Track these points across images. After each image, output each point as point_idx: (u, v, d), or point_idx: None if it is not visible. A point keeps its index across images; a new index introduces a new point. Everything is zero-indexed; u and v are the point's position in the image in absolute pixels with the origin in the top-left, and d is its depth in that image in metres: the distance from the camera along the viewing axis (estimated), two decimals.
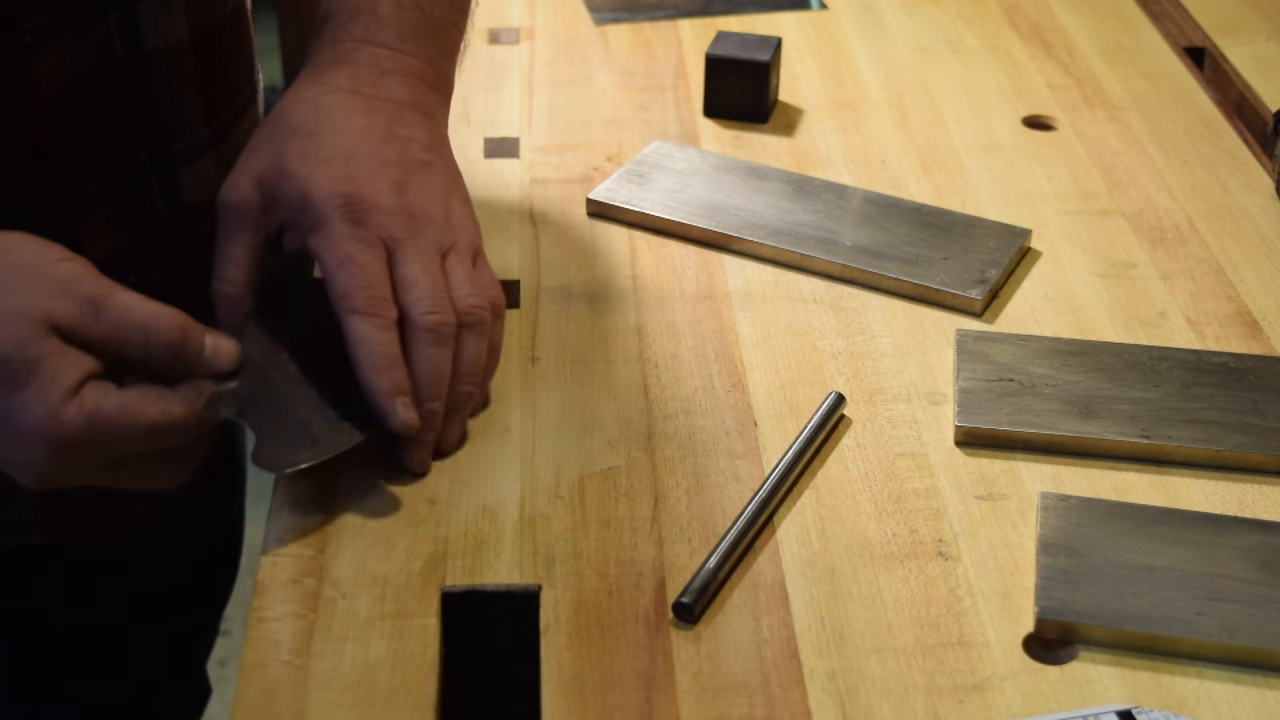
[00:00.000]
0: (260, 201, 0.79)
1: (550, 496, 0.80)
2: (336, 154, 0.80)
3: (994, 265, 0.95)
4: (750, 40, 1.13)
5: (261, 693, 0.69)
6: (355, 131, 0.81)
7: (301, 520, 0.78)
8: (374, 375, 0.76)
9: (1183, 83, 1.18)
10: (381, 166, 0.80)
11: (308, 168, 0.79)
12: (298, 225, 0.79)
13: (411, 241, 0.79)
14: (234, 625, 1.91)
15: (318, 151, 0.80)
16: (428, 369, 0.77)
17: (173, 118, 0.86)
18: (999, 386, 0.86)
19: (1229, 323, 0.93)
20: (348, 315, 0.76)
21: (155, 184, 0.86)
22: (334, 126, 0.81)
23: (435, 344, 0.78)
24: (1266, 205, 1.04)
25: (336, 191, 0.78)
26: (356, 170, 0.79)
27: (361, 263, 0.77)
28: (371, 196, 0.79)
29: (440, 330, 0.78)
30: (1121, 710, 0.69)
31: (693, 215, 1.00)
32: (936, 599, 0.74)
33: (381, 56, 0.84)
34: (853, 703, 0.69)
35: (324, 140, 0.80)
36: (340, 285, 0.77)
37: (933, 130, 1.12)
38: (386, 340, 0.76)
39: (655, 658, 0.71)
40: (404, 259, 0.78)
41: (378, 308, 0.76)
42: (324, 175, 0.79)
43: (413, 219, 0.80)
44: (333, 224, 0.78)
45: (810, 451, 0.82)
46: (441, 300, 0.78)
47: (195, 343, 0.73)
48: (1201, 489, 0.81)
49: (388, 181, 0.80)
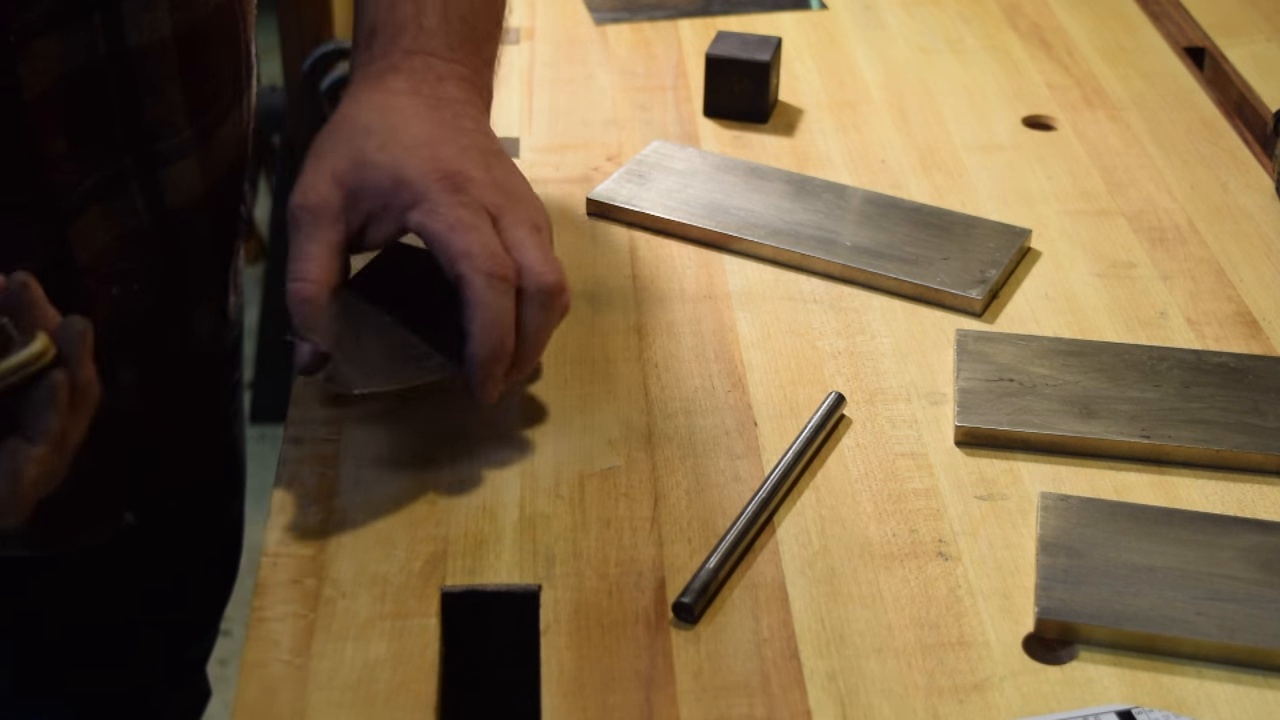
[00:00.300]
0: (341, 200, 0.79)
1: (550, 496, 0.80)
2: (418, 141, 0.80)
3: (994, 265, 0.95)
4: (750, 40, 1.13)
5: (261, 693, 0.69)
6: (429, 124, 0.81)
7: (301, 520, 0.78)
8: (485, 342, 0.76)
9: (1183, 83, 1.18)
10: (464, 150, 0.81)
11: (391, 154, 0.79)
12: (390, 209, 0.79)
13: (512, 211, 0.79)
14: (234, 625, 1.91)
15: (398, 141, 0.80)
16: (536, 333, 0.78)
17: (156, 118, 0.85)
18: (999, 386, 0.86)
19: (1229, 323, 0.93)
20: (473, 275, 0.76)
21: (137, 186, 0.86)
22: (405, 122, 0.81)
23: (547, 308, 0.78)
24: (1266, 205, 1.04)
25: (431, 168, 0.78)
26: (443, 152, 0.80)
27: (474, 224, 0.77)
28: (466, 170, 0.79)
29: (554, 293, 0.78)
30: (1121, 710, 0.69)
31: (693, 215, 1.00)
32: (936, 599, 0.74)
33: (434, 64, 0.85)
34: (853, 703, 0.69)
35: (400, 132, 0.80)
36: (459, 246, 0.76)
37: (933, 130, 1.12)
38: (508, 308, 0.76)
39: (655, 658, 0.71)
40: (509, 225, 0.78)
41: (503, 269, 0.76)
42: (411, 158, 0.79)
43: (507, 193, 0.80)
44: (434, 195, 0.78)
45: (810, 451, 0.82)
46: (557, 265, 0.78)
47: None
48: (1201, 489, 0.81)
49: (475, 160, 0.80)
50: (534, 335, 0.78)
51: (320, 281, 0.78)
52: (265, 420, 2.25)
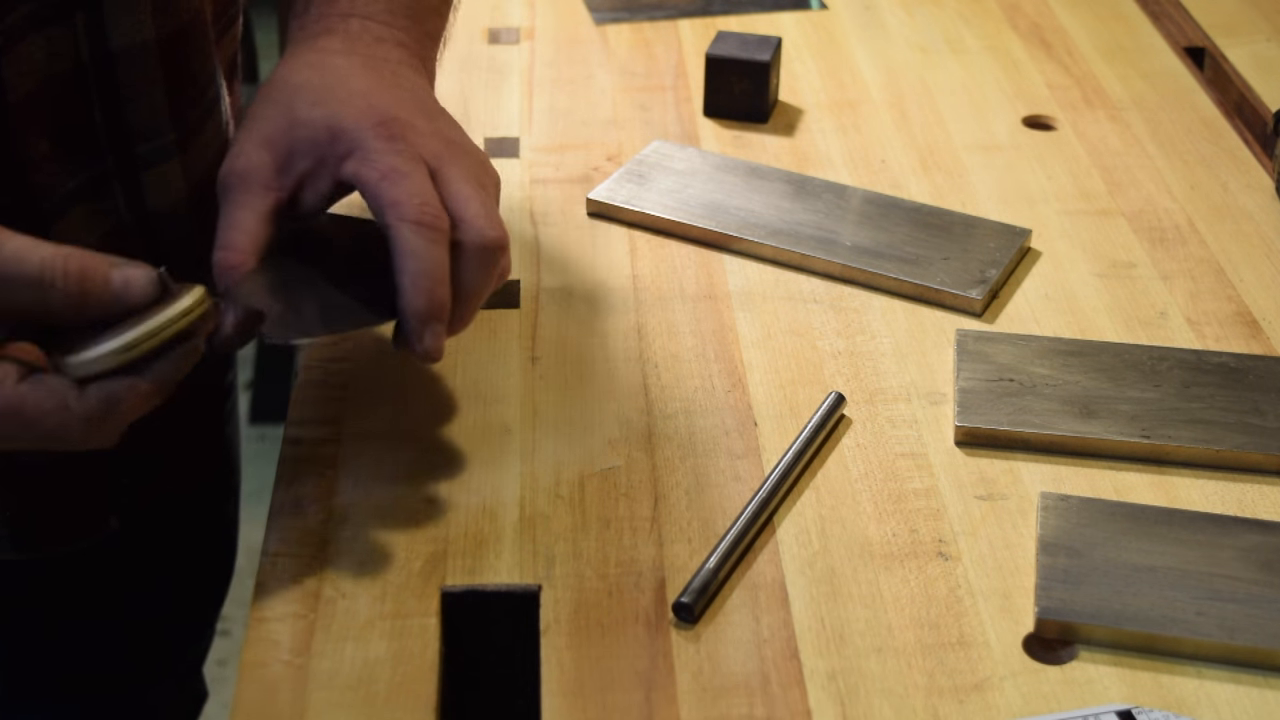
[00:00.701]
0: (272, 163, 0.76)
1: (550, 496, 0.80)
2: (354, 92, 0.77)
3: (994, 265, 0.95)
4: (750, 40, 1.13)
5: (261, 693, 0.69)
6: (365, 79, 0.78)
7: (301, 520, 0.78)
8: (417, 295, 0.72)
9: (1183, 83, 1.18)
10: (403, 100, 0.77)
11: (326, 108, 0.76)
12: (326, 162, 0.75)
13: (454, 163, 0.76)
14: (234, 625, 1.91)
15: (333, 95, 0.76)
16: (473, 287, 0.74)
17: (139, 120, 0.84)
18: (999, 386, 0.86)
19: (1229, 323, 0.93)
20: (399, 224, 0.72)
21: (119, 188, 0.85)
22: (341, 79, 0.78)
23: (487, 263, 0.74)
24: (1266, 205, 1.04)
25: (368, 117, 0.75)
26: (380, 100, 0.76)
27: (407, 172, 0.73)
28: (404, 117, 0.76)
29: (495, 248, 0.74)
30: (1121, 710, 0.69)
31: (693, 215, 1.00)
32: (936, 599, 0.74)
33: (371, 27, 0.82)
34: (853, 703, 0.69)
35: (335, 88, 0.77)
36: (389, 195, 0.73)
37: (933, 130, 1.12)
38: (439, 258, 0.73)
39: (655, 658, 0.71)
40: (450, 177, 0.75)
41: (433, 219, 0.73)
42: (347, 108, 0.75)
43: (449, 144, 0.77)
44: (369, 143, 0.74)
45: (810, 451, 0.82)
46: (498, 221, 0.75)
47: (99, 284, 0.66)
48: (1201, 489, 0.81)
49: (415, 109, 0.77)
50: (471, 291, 0.74)
51: (244, 250, 0.74)
52: (265, 420, 2.25)
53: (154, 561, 1.02)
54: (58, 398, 0.65)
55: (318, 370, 0.88)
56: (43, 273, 0.65)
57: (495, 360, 0.89)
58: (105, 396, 0.66)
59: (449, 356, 0.88)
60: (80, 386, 0.66)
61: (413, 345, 0.73)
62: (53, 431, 0.66)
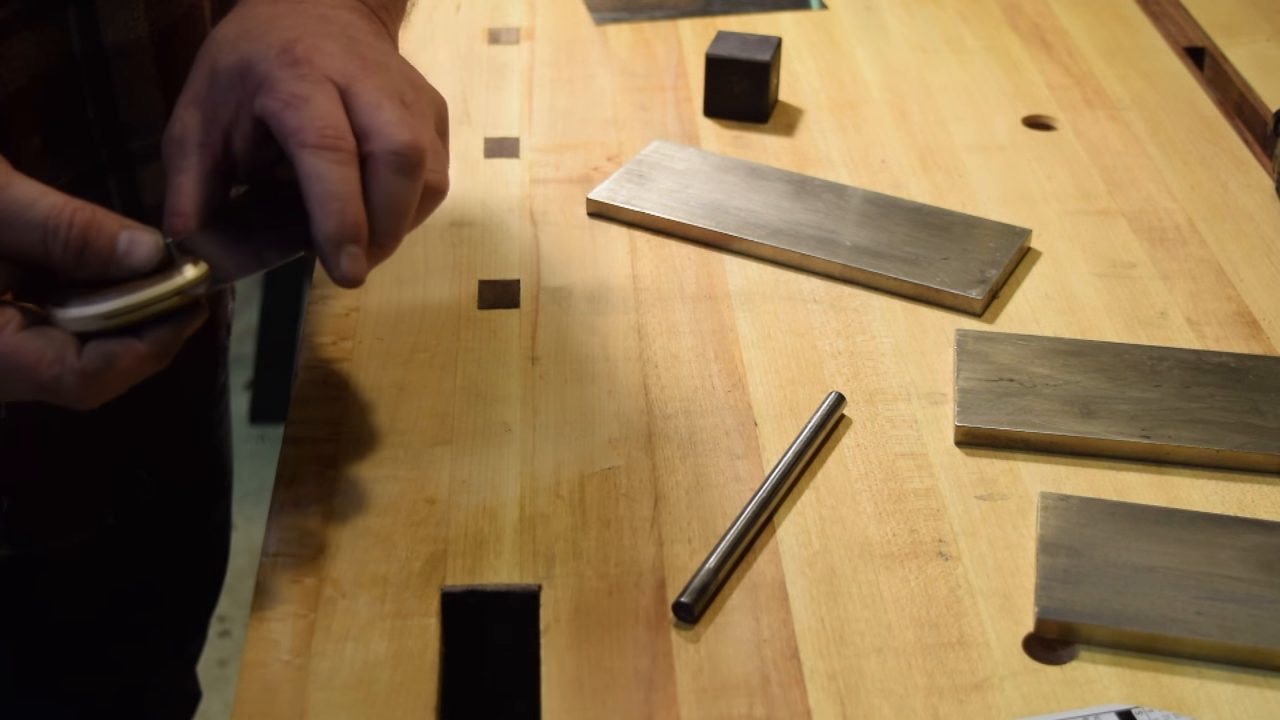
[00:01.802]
0: (201, 121, 0.73)
1: (550, 496, 0.80)
2: (273, 29, 0.73)
3: (994, 265, 0.95)
4: (750, 40, 1.13)
5: (261, 693, 0.69)
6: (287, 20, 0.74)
7: (301, 520, 0.78)
8: (325, 218, 0.69)
9: (1183, 83, 1.18)
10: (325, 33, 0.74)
11: (239, 53, 0.72)
12: (243, 106, 0.72)
13: (367, 78, 0.72)
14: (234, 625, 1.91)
15: (247, 38, 0.73)
16: (391, 200, 0.70)
17: (132, 116, 0.84)
18: (999, 386, 0.86)
19: (1229, 323, 0.93)
20: (299, 151, 0.69)
21: (114, 183, 0.85)
22: (259, 23, 0.74)
23: (402, 172, 0.70)
24: (1266, 205, 1.04)
25: (274, 50, 0.72)
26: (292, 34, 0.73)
27: (307, 96, 0.70)
28: (311, 42, 0.72)
29: (410, 156, 0.70)
30: (1121, 710, 0.69)
31: (693, 215, 1.00)
32: (936, 599, 0.74)
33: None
34: (853, 703, 0.69)
35: (250, 32, 0.74)
36: (290, 123, 0.69)
37: (933, 130, 1.12)
38: (343, 177, 0.69)
39: (655, 658, 0.71)
40: (360, 91, 0.71)
41: (332, 139, 0.69)
42: (256, 45, 0.72)
43: (365, 62, 0.73)
44: (272, 74, 0.71)
45: (810, 451, 0.82)
46: (412, 124, 0.71)
47: (104, 241, 0.66)
48: (1201, 489, 0.81)
49: (330, 35, 0.73)
50: (389, 205, 0.70)
51: (185, 213, 0.72)
52: (265, 420, 2.25)
53: (145, 562, 1.02)
54: (56, 349, 0.65)
55: (318, 370, 0.88)
56: (47, 219, 0.65)
57: (495, 360, 0.89)
58: (102, 354, 0.66)
59: (449, 356, 0.89)
60: (80, 342, 0.66)
61: (331, 272, 0.70)
62: (47, 384, 0.65)
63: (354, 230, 0.69)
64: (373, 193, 0.70)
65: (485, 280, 0.95)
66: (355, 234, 0.69)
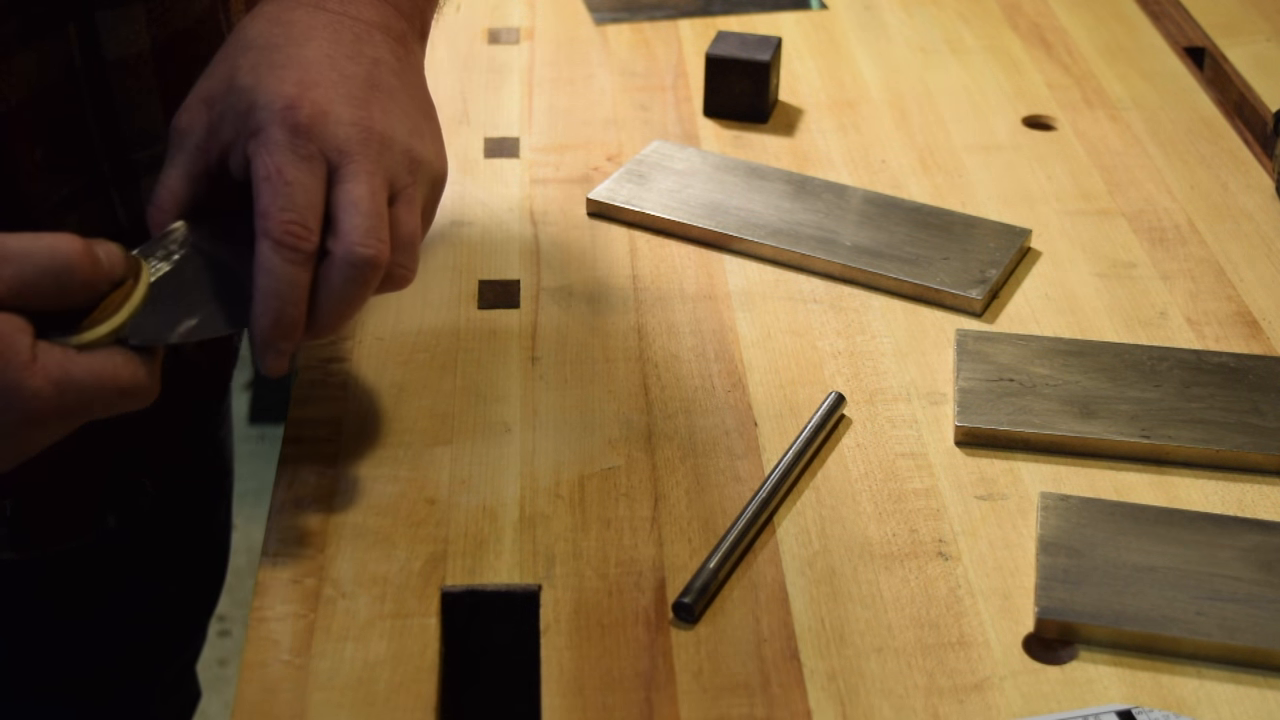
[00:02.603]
0: (206, 124, 0.73)
1: (550, 496, 0.80)
2: (292, 61, 0.72)
3: (994, 265, 0.95)
4: (750, 40, 1.13)
5: (261, 693, 0.69)
6: (318, 44, 0.73)
7: (301, 520, 0.78)
8: (263, 314, 0.69)
9: (1183, 83, 1.18)
10: (343, 79, 0.72)
11: (257, 77, 0.71)
12: (241, 137, 0.71)
13: (360, 160, 0.71)
14: (234, 625, 1.91)
15: (271, 61, 0.72)
16: (335, 302, 0.70)
17: (135, 128, 0.83)
18: (999, 386, 0.86)
19: (1229, 323, 0.93)
20: (262, 237, 0.69)
21: (117, 195, 0.84)
22: (293, 38, 0.73)
23: (355, 281, 0.70)
24: (1266, 205, 1.04)
25: (283, 93, 0.70)
26: (313, 76, 0.72)
27: (290, 179, 0.69)
28: (323, 104, 0.71)
29: (365, 271, 0.70)
30: (1121, 710, 0.69)
31: (693, 215, 1.00)
32: (936, 599, 0.74)
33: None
34: (853, 703, 0.69)
35: (277, 52, 0.72)
36: (262, 202, 0.69)
37: (933, 130, 1.12)
38: (291, 280, 0.69)
39: (655, 658, 0.71)
40: (348, 175, 0.70)
41: (293, 239, 0.69)
42: (274, 80, 0.71)
43: (368, 138, 0.71)
44: (270, 130, 0.70)
45: (810, 451, 0.82)
46: (381, 234, 0.70)
47: (97, 262, 0.66)
48: (1201, 489, 0.81)
49: (347, 94, 0.72)
50: (333, 306, 0.70)
51: (167, 209, 0.73)
52: (265, 420, 2.25)
53: (147, 563, 1.02)
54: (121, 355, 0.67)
55: (318, 370, 0.88)
56: (53, 258, 0.64)
57: (495, 360, 0.89)
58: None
59: (449, 356, 0.89)
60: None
61: (255, 358, 0.71)
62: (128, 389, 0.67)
63: (287, 331, 0.70)
64: (321, 289, 0.70)
65: (485, 280, 0.95)
66: (288, 335, 0.70)
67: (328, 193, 0.71)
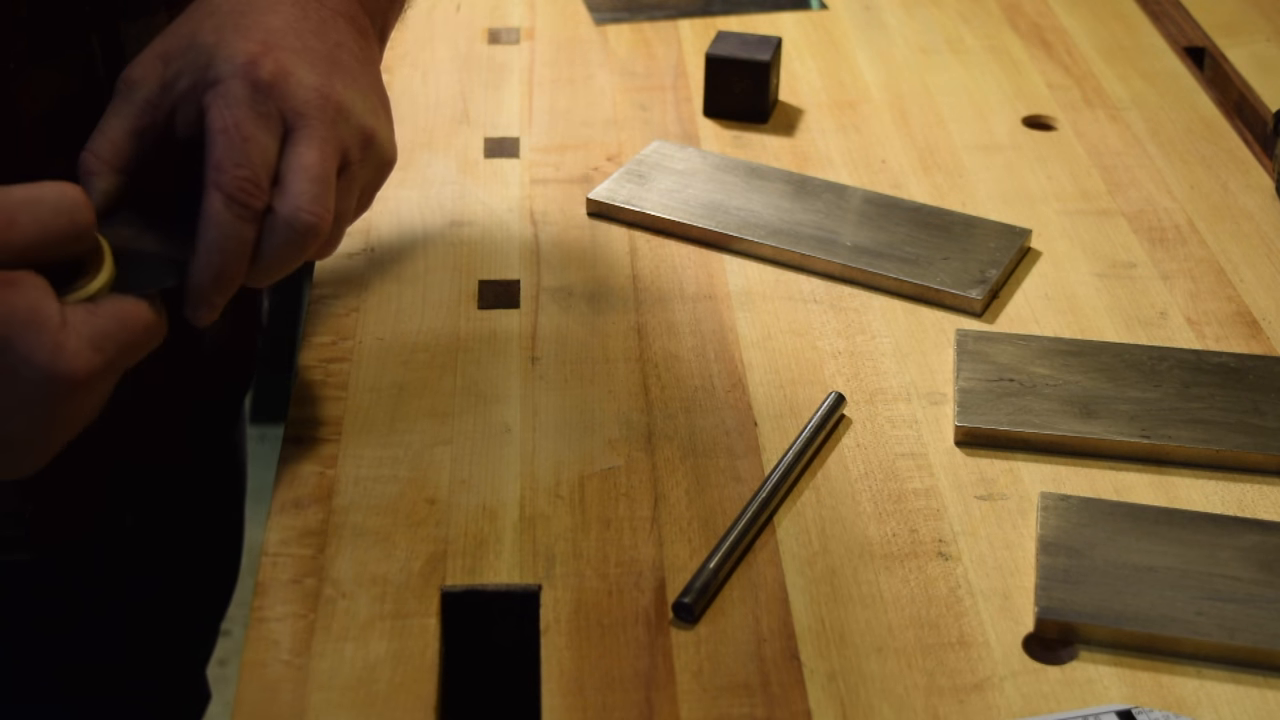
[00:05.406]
0: (159, 80, 0.71)
1: (550, 496, 0.80)
2: (258, 27, 0.71)
3: (994, 265, 0.95)
4: (750, 40, 1.13)
5: (261, 693, 0.69)
6: (283, 16, 0.72)
7: (301, 520, 0.78)
8: (205, 268, 0.68)
9: (1183, 83, 1.18)
10: (307, 49, 0.72)
11: (221, 35, 0.70)
12: (196, 88, 0.70)
13: (315, 126, 0.70)
14: (234, 625, 1.91)
15: (237, 25, 0.71)
16: (272, 260, 0.70)
17: None
18: (999, 386, 0.86)
19: (1229, 323, 0.93)
20: (213, 189, 0.68)
21: None
22: (258, 6, 0.72)
23: (295, 245, 0.70)
24: (1266, 205, 1.04)
25: (246, 50, 0.70)
26: (277, 40, 0.71)
27: (247, 135, 0.68)
28: (285, 64, 0.70)
29: (305, 237, 0.70)
30: (1121, 710, 0.69)
31: (693, 215, 1.00)
32: (936, 599, 0.74)
33: None
34: (853, 703, 0.69)
35: (247, 17, 0.71)
36: (215, 154, 0.68)
37: (933, 130, 1.12)
38: (239, 235, 0.68)
39: (655, 658, 0.71)
40: (302, 139, 0.70)
41: (244, 195, 0.68)
42: (238, 37, 0.70)
43: (325, 105, 0.71)
44: (230, 83, 0.69)
45: (810, 451, 0.82)
46: (326, 202, 0.70)
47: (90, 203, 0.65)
48: (1201, 489, 0.81)
49: (310, 61, 0.71)
50: (268, 265, 0.70)
51: (104, 158, 0.71)
52: (265, 420, 2.25)
53: (160, 563, 1.02)
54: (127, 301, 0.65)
55: (318, 370, 0.88)
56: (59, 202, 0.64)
57: (495, 360, 0.89)
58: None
59: (449, 356, 0.89)
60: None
61: (184, 306, 0.70)
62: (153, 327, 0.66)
63: (226, 285, 0.69)
64: (260, 245, 0.70)
65: (485, 280, 0.95)
66: (225, 289, 0.69)
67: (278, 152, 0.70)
